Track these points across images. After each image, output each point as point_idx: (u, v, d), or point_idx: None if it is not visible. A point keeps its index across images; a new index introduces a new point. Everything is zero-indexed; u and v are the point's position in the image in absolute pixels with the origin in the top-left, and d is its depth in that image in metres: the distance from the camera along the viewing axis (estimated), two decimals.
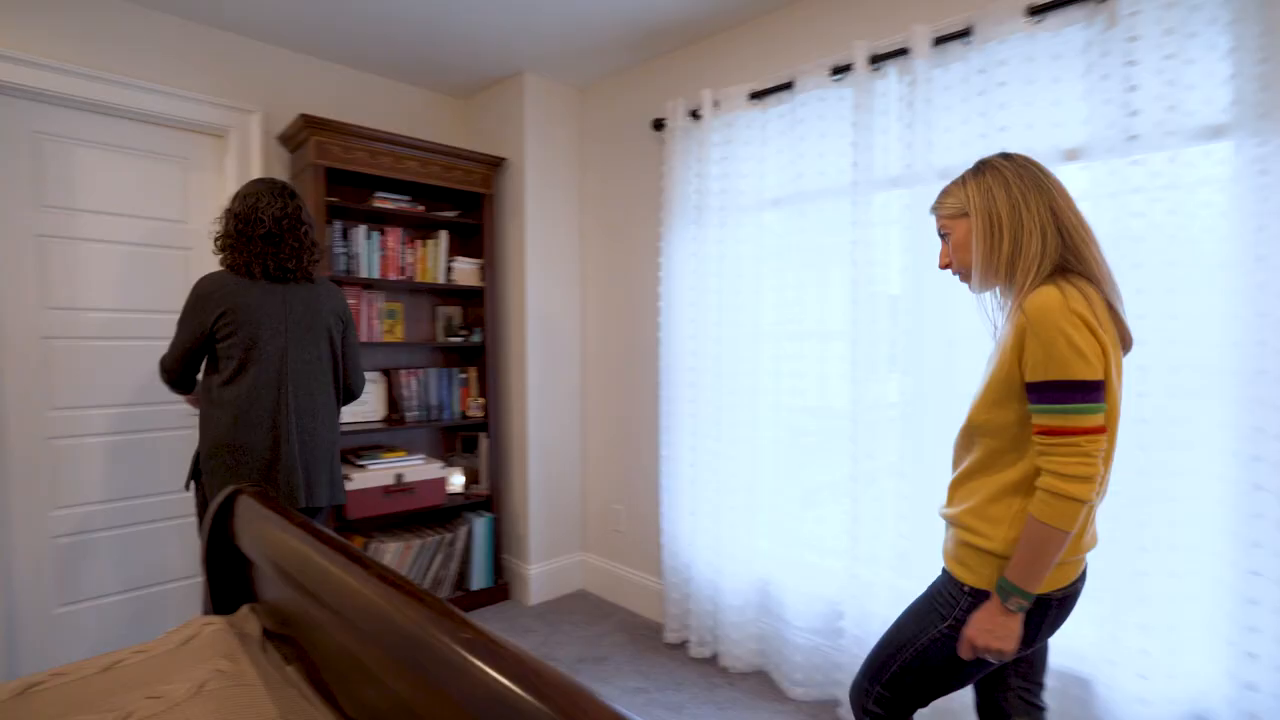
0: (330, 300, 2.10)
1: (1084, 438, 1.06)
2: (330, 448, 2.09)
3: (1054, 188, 1.17)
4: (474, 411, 3.20)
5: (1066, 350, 1.06)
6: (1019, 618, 1.13)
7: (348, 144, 2.69)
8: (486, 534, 3.10)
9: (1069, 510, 1.06)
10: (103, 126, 2.56)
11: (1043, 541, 1.08)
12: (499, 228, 3.26)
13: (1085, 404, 1.06)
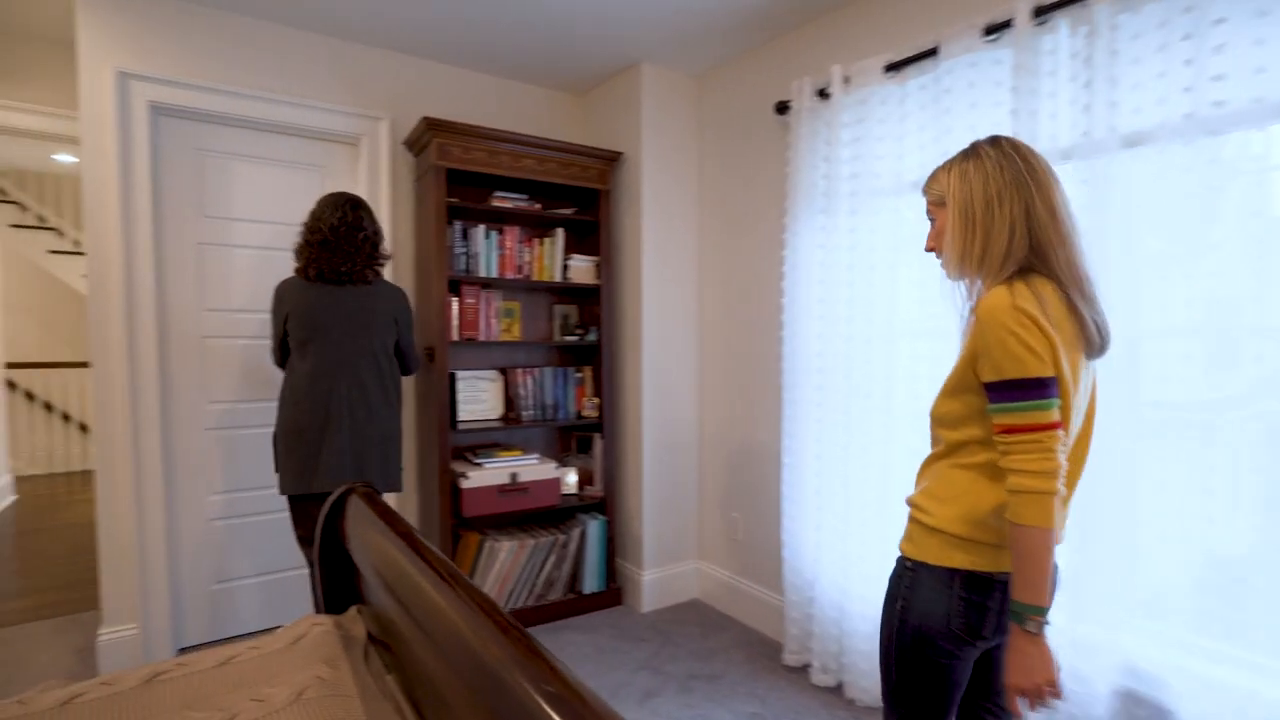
0: (386, 300, 2.28)
1: (1043, 433, 1.06)
2: (382, 435, 2.25)
3: (1036, 184, 1.14)
4: (589, 411, 3.15)
5: (1018, 348, 1.07)
6: (1043, 639, 1.07)
7: (467, 145, 2.72)
8: (600, 537, 3.04)
9: (1043, 505, 1.05)
10: (251, 140, 2.75)
11: (1031, 545, 1.05)
12: (615, 224, 3.19)
13: (1040, 400, 1.06)
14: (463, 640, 0.84)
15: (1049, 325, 1.08)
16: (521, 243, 3.00)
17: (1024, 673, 1.07)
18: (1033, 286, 1.11)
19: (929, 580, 1.19)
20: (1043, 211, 1.13)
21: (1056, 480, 1.05)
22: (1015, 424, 1.07)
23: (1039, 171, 1.14)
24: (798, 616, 2.47)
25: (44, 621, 2.89)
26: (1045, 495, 1.04)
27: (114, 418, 2.44)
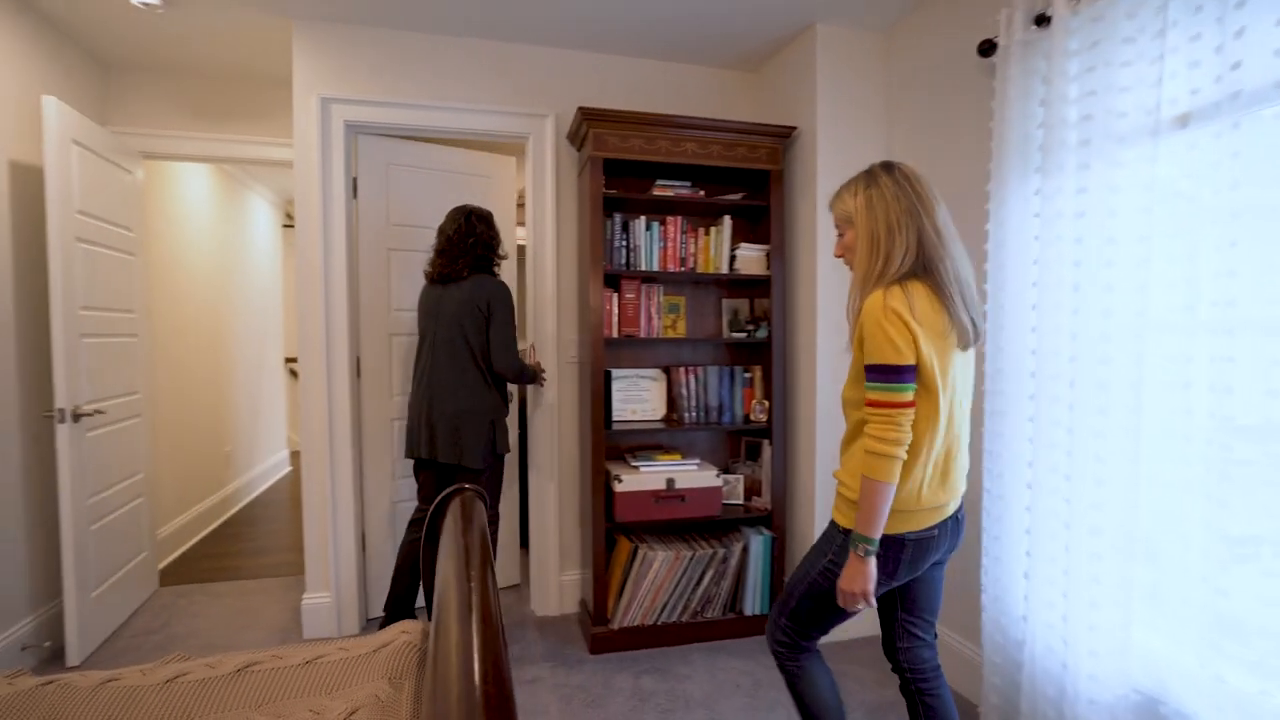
0: (476, 292, 2.45)
1: (895, 410, 1.31)
2: (453, 412, 2.44)
3: (925, 209, 1.38)
4: (758, 415, 2.87)
5: (883, 341, 1.31)
6: (869, 561, 1.36)
7: (623, 132, 2.60)
8: (765, 554, 2.75)
9: (884, 465, 1.31)
10: (428, 154, 2.92)
11: (871, 494, 1.33)
12: (787, 207, 2.87)
13: (897, 383, 1.31)
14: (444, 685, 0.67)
15: (913, 321, 1.31)
16: (685, 233, 2.82)
17: (850, 581, 1.37)
18: (906, 289, 1.35)
19: None
20: (931, 232, 1.37)
21: (901, 448, 1.31)
22: (877, 400, 1.32)
23: (925, 198, 1.39)
24: (1000, 683, 1.97)
25: (281, 578, 3.36)
26: (891, 458, 1.31)
27: (314, 408, 2.72)
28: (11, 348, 2.45)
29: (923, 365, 1.32)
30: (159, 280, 3.64)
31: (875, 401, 1.33)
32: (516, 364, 2.49)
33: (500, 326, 2.45)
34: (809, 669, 1.57)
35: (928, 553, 1.44)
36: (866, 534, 1.34)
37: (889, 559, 1.41)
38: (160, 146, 3.14)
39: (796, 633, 1.55)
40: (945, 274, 1.36)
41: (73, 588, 2.46)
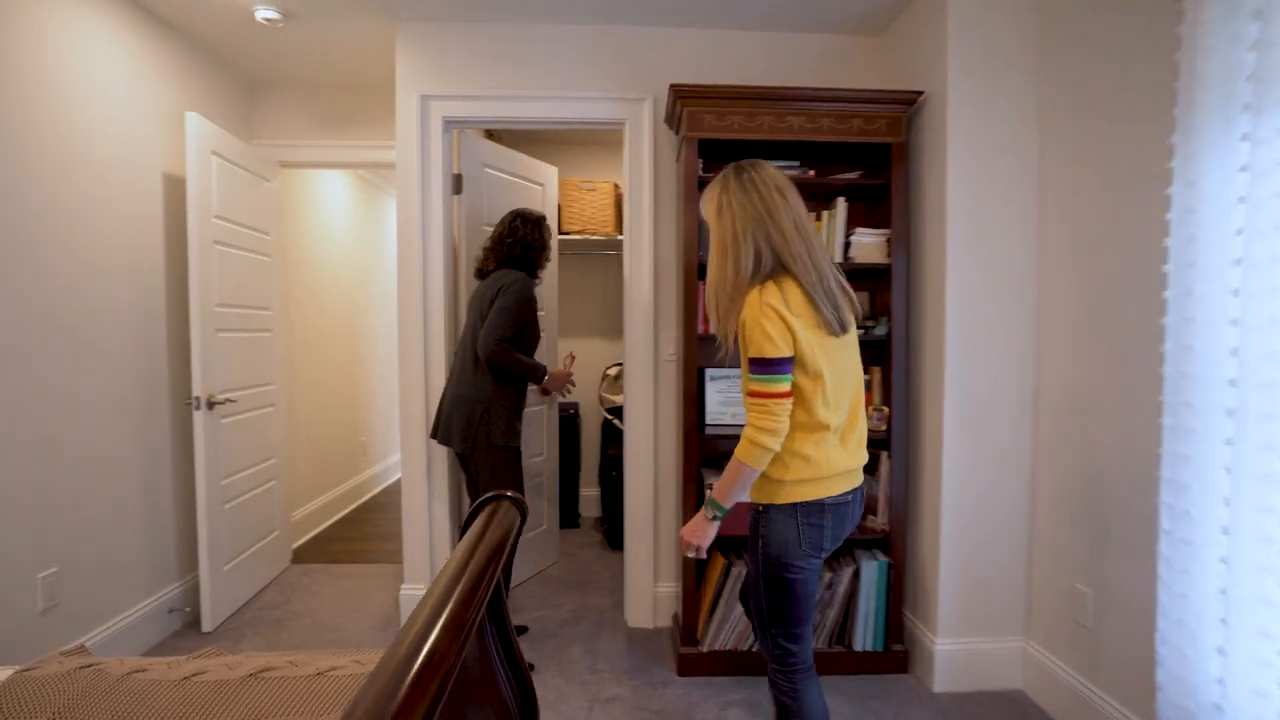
0: (493, 284, 2.49)
1: (771, 400, 1.39)
2: (458, 398, 2.50)
3: (770, 214, 1.45)
4: (874, 423, 2.52)
5: (760, 336, 1.39)
6: (715, 525, 1.54)
7: (721, 109, 2.38)
8: (879, 581, 2.41)
9: (755, 453, 1.41)
10: (510, 153, 2.87)
11: (737, 474, 1.45)
12: (913, 185, 2.49)
13: (773, 375, 1.39)
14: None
15: (789, 314, 1.40)
16: None
17: (690, 532, 1.56)
18: (780, 284, 1.43)
19: (779, 517, 1.48)
20: (777, 236, 1.45)
21: (774, 438, 1.41)
22: (756, 390, 1.42)
23: (771, 202, 1.46)
24: None
25: (397, 565, 3.49)
26: (763, 448, 1.41)
27: (412, 402, 2.76)
28: (163, 341, 2.70)
29: (804, 354, 1.41)
30: (300, 280, 3.93)
31: (754, 392, 1.42)
32: (493, 347, 2.40)
33: (495, 311, 2.42)
34: (808, 694, 1.54)
35: (846, 520, 1.54)
36: (722, 503, 1.50)
37: (812, 525, 1.47)
38: (296, 155, 3.37)
39: (787, 637, 1.53)
40: (800, 270, 1.43)
41: (206, 561, 2.67)
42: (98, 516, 2.37)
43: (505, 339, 2.41)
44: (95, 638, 2.33)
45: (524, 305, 2.47)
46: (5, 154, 2.02)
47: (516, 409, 2.53)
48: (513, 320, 2.43)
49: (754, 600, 1.55)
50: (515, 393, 2.53)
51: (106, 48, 2.41)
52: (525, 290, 2.48)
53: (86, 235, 2.33)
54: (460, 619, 0.83)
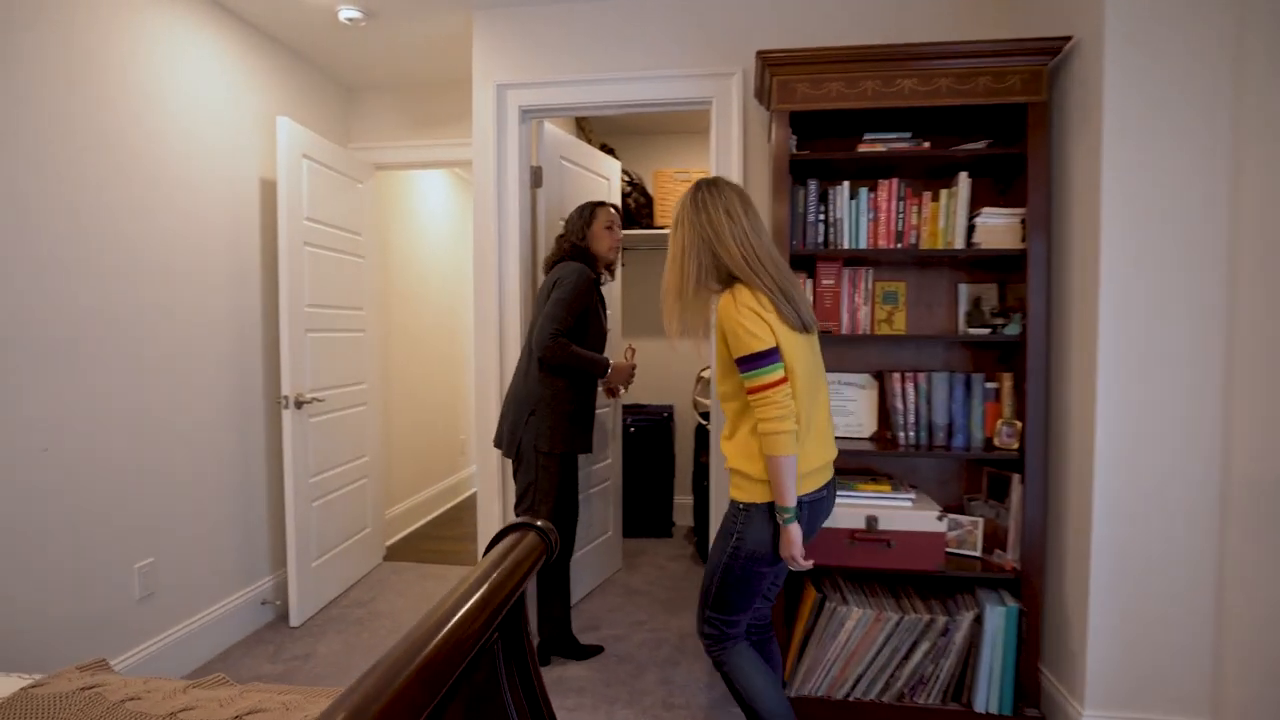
0: (551, 278, 2.36)
1: (770, 390, 1.46)
2: (512, 399, 2.38)
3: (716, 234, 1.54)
4: (1004, 440, 2.12)
5: (744, 335, 1.47)
6: (794, 527, 1.51)
7: (815, 76, 2.08)
8: (1007, 630, 2.01)
9: (781, 441, 1.46)
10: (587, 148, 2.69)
11: (777, 469, 1.48)
12: (1056, 154, 2.07)
13: (765, 367, 1.47)
14: None
15: (764, 310, 1.49)
16: (903, 199, 2.19)
17: (786, 546, 1.53)
18: (750, 287, 1.52)
19: (758, 516, 1.55)
20: (721, 252, 1.54)
21: (789, 421, 1.46)
22: (754, 385, 1.48)
23: (718, 222, 1.55)
24: None
25: None
26: (785, 434, 1.46)
27: (488, 403, 2.67)
28: (259, 341, 2.78)
29: (781, 346, 1.48)
30: (399, 279, 4.00)
31: (754, 388, 1.48)
32: (548, 341, 2.24)
33: (551, 304, 2.27)
34: (739, 658, 1.68)
35: (820, 514, 1.63)
36: (785, 504, 1.50)
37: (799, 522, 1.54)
38: (390, 157, 3.41)
39: (722, 622, 1.66)
40: (753, 281, 1.51)
41: (293, 557, 2.72)
42: (193, 510, 2.45)
43: (562, 331, 2.25)
44: (188, 627, 2.41)
45: (581, 295, 2.30)
46: (111, 161, 2.10)
47: (574, 412, 2.33)
48: (569, 311, 2.27)
49: (704, 585, 1.67)
50: (573, 393, 2.34)
51: (204, 56, 2.49)
52: (582, 280, 2.31)
53: (186, 237, 2.41)
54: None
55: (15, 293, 1.85)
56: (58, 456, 1.97)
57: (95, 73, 2.07)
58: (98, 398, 2.08)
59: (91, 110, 2.06)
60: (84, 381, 2.04)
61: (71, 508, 2.01)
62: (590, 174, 3.04)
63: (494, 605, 0.94)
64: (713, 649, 1.70)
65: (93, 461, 2.07)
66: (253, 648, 2.57)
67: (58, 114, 1.96)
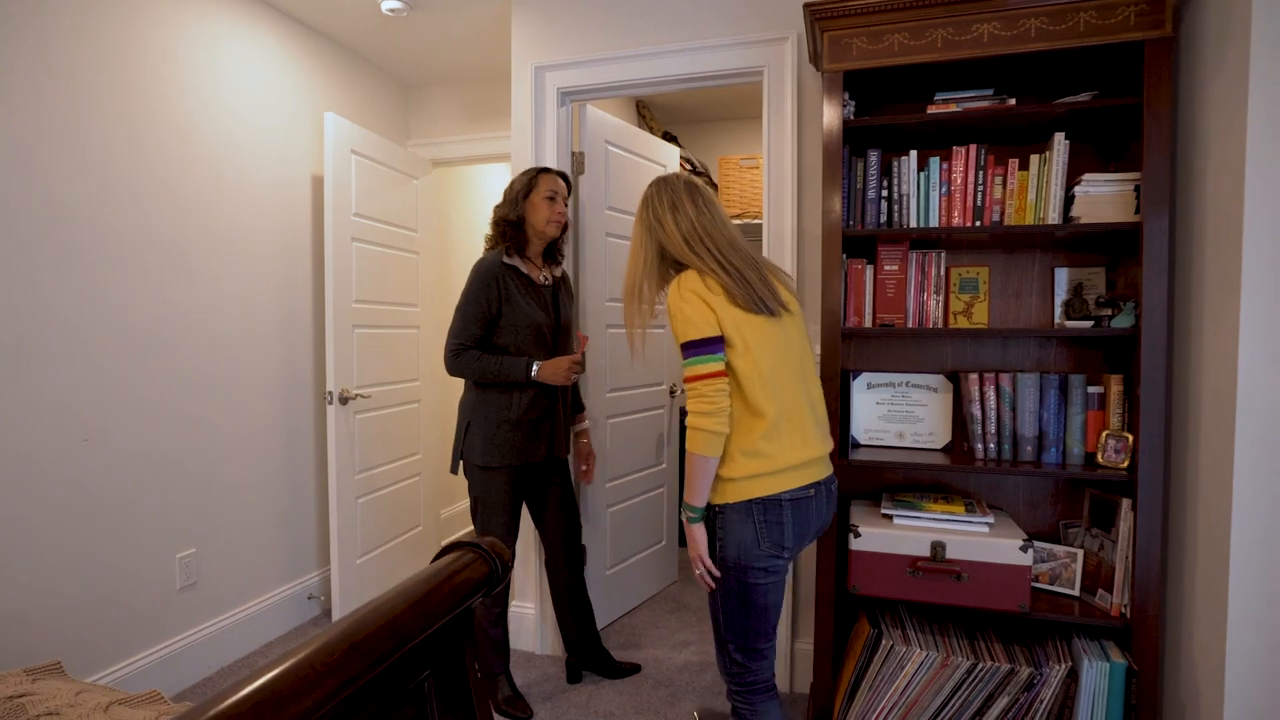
0: None
1: (702, 382, 1.38)
2: (458, 411, 2.15)
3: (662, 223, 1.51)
4: (1111, 456, 1.74)
5: (683, 321, 1.41)
6: (700, 528, 1.45)
7: (874, 27, 1.79)
8: (1112, 692, 1.63)
9: (699, 439, 1.38)
10: (634, 132, 2.49)
11: (692, 466, 1.41)
12: (1184, 104, 1.67)
13: (700, 356, 1.38)
14: None
15: (710, 296, 1.40)
16: (983, 169, 1.85)
17: (690, 546, 1.47)
18: (698, 271, 1.44)
19: (735, 517, 1.42)
20: (668, 243, 1.50)
21: (714, 419, 1.37)
22: (689, 374, 1.40)
23: (662, 215, 1.52)
24: None
25: None
26: (704, 431, 1.37)
27: None
28: (309, 337, 2.80)
29: (728, 333, 1.40)
30: (459, 276, 3.98)
31: (688, 377, 1.41)
32: (448, 358, 2.04)
33: (454, 312, 2.04)
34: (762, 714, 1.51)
35: (810, 515, 1.47)
36: (692, 502, 1.44)
37: (771, 523, 1.42)
38: (447, 153, 3.37)
39: (742, 651, 1.49)
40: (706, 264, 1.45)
41: (336, 553, 2.70)
42: (238, 503, 2.47)
43: (465, 345, 2.03)
44: (230, 619, 2.43)
45: (480, 295, 2.02)
46: (164, 158, 2.14)
47: (517, 419, 2.06)
48: (467, 320, 2.02)
49: (711, 609, 1.53)
50: (504, 400, 2.06)
51: (253, 53, 2.52)
52: (479, 278, 2.03)
53: (237, 233, 2.44)
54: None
55: (68, 289, 1.89)
56: (100, 447, 2.01)
57: (148, 74, 2.12)
58: (143, 390, 2.12)
59: (145, 111, 2.11)
60: (131, 374, 2.08)
61: (113, 497, 2.05)
62: (642, 160, 2.86)
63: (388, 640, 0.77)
64: (738, 694, 1.50)
65: (136, 452, 2.11)
66: (292, 642, 2.57)
67: (113, 117, 2.01)
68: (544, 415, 2.11)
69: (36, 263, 1.85)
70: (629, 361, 2.74)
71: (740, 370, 1.40)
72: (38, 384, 1.85)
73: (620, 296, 2.69)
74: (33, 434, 1.84)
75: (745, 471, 1.40)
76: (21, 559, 1.82)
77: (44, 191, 1.86)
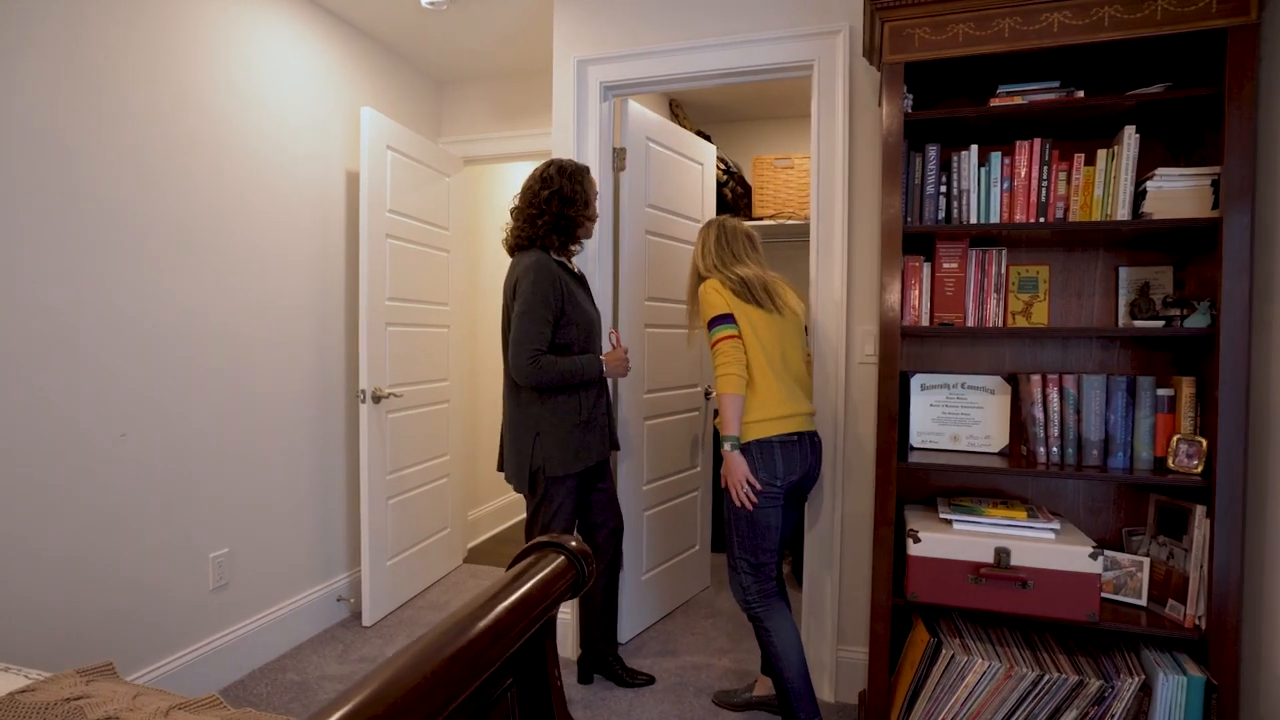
0: (509, 275, 2.03)
1: (721, 343, 1.89)
2: (510, 428, 2.05)
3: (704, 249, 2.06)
4: (1183, 461, 1.67)
5: (706, 305, 1.93)
6: (735, 454, 1.86)
7: (938, 17, 1.74)
8: (1189, 707, 1.57)
9: (726, 380, 1.85)
10: (678, 131, 2.45)
11: (725, 402, 1.86)
12: (1266, 98, 1.61)
13: (718, 326, 1.90)
14: None
15: (721, 290, 1.93)
16: (1047, 164, 1.79)
17: (731, 476, 1.86)
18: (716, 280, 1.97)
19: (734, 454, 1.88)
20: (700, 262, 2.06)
21: (733, 367, 1.86)
22: (712, 339, 1.91)
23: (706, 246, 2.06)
24: None
25: None
26: (728, 375, 1.85)
27: None
28: (341, 335, 2.77)
29: (735, 314, 1.91)
30: (488, 276, 3.94)
31: (714, 340, 1.90)
32: (526, 367, 1.91)
33: (517, 318, 1.93)
34: (780, 618, 1.92)
35: (797, 458, 1.91)
36: (727, 432, 1.85)
37: (765, 456, 1.87)
38: (479, 150, 3.34)
39: (752, 564, 1.91)
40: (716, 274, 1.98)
41: (367, 555, 2.66)
42: (270, 503, 2.44)
43: (541, 351, 1.93)
44: (262, 620, 2.39)
45: (548, 295, 1.94)
46: (199, 153, 2.11)
47: (586, 422, 2.02)
48: (540, 324, 1.93)
49: (726, 538, 1.96)
50: (578, 401, 2.01)
51: (289, 47, 2.49)
52: (542, 277, 1.94)
53: (273, 229, 2.41)
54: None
55: (103, 285, 1.86)
56: (136, 443, 1.97)
57: (181, 66, 2.09)
58: (176, 387, 2.09)
59: (179, 105, 2.08)
60: (165, 371, 2.05)
61: (147, 495, 2.01)
62: (681, 158, 2.81)
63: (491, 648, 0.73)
64: (752, 602, 1.91)
65: (170, 450, 2.08)
66: (323, 645, 2.52)
67: (148, 111, 1.98)
68: (605, 412, 2.11)
69: (69, 258, 1.82)
70: (667, 361, 2.69)
71: (747, 341, 1.90)
72: (72, 380, 1.82)
73: (660, 295, 2.65)
74: (71, 427, 1.81)
75: (748, 417, 1.87)
76: (55, 557, 1.78)
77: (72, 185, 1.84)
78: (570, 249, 2.11)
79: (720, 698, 2.18)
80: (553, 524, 2.04)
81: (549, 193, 2.02)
